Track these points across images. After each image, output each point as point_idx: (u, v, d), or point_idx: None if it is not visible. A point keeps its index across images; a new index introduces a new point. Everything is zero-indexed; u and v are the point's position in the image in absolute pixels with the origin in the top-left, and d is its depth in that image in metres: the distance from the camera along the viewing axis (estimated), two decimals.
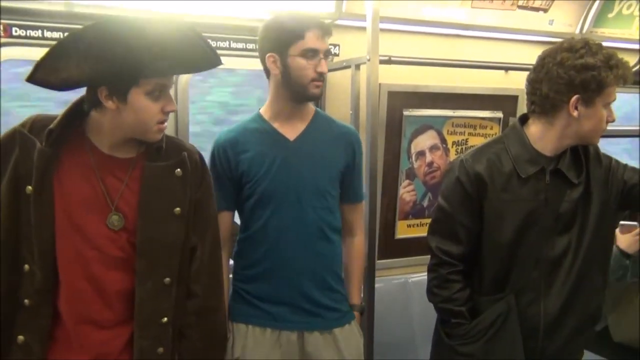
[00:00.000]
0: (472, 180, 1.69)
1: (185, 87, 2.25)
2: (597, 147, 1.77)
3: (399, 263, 2.79)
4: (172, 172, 1.50)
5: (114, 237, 1.45)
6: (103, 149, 1.46)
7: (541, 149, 1.69)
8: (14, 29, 1.94)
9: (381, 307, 2.28)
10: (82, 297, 1.45)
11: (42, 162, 1.39)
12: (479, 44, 2.77)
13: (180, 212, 1.50)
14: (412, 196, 2.79)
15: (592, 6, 2.88)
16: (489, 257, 1.72)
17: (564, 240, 1.69)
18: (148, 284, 1.47)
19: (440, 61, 2.58)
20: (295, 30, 1.73)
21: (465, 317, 1.72)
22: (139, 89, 1.36)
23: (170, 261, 1.51)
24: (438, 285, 1.77)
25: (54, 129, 1.40)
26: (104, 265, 1.45)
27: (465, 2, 2.57)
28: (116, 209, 1.45)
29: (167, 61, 1.35)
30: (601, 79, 1.56)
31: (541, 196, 1.68)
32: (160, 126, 1.44)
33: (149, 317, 1.48)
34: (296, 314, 1.83)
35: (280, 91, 1.81)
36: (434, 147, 2.79)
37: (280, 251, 1.81)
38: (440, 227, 1.78)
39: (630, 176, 1.73)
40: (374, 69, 2.00)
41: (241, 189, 1.84)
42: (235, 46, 2.30)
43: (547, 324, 1.70)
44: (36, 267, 1.42)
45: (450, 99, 2.77)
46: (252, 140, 1.83)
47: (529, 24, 2.76)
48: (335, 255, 1.91)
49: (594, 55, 1.57)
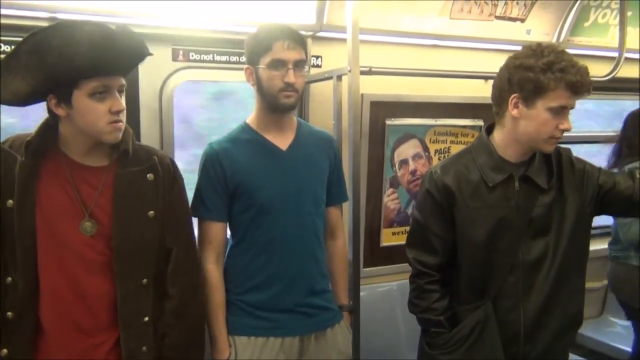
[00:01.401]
0: (441, 191, 1.73)
1: (170, 97, 2.27)
2: (570, 151, 1.80)
3: (384, 270, 2.81)
4: (144, 177, 1.57)
5: (92, 243, 1.52)
6: (76, 158, 1.53)
7: (505, 155, 1.72)
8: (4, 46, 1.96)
9: (367, 315, 2.29)
10: (65, 304, 1.50)
11: (23, 174, 1.46)
12: (458, 53, 2.82)
13: (154, 215, 1.57)
14: (396, 204, 2.82)
15: (569, 15, 2.94)
16: (465, 265, 1.75)
17: (540, 245, 1.71)
18: (128, 286, 1.54)
19: (420, 71, 2.61)
20: (263, 42, 1.77)
21: (444, 326, 1.74)
22: (81, 92, 1.41)
23: (147, 262, 1.58)
24: (417, 295, 1.80)
25: (31, 140, 1.47)
26: (85, 270, 1.51)
27: (443, 13, 2.62)
28: (90, 215, 1.51)
29: (100, 61, 1.38)
30: (537, 80, 1.57)
31: (512, 202, 1.70)
32: (114, 125, 1.46)
33: (131, 317, 1.54)
34: (296, 320, 1.87)
35: (260, 102, 1.86)
36: (417, 156, 2.83)
37: (280, 260, 1.84)
38: (415, 238, 1.83)
39: (604, 180, 1.75)
40: (355, 79, 2.03)
41: (235, 200, 1.84)
42: (219, 59, 2.33)
43: (528, 328, 1.72)
44: (18, 277, 1.46)
45: (432, 108, 2.81)
46: (246, 151, 1.84)
47: (507, 33, 2.81)
48: (324, 257, 1.98)
49: (539, 58, 1.58)
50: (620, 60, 2.76)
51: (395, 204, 2.81)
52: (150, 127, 2.24)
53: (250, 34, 1.83)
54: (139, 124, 2.19)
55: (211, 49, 2.31)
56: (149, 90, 2.21)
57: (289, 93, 1.78)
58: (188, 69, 2.29)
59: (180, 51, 2.26)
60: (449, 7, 2.61)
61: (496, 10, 2.73)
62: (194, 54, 2.28)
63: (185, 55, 2.27)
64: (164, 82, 2.25)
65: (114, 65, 1.42)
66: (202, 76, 2.37)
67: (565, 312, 1.76)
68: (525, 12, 2.81)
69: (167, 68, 2.25)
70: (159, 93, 2.25)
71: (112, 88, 1.44)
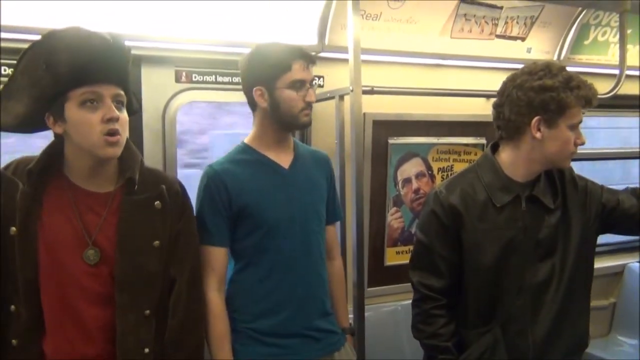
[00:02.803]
0: (447, 211, 1.68)
1: (173, 118, 2.29)
2: (572, 170, 1.77)
3: (389, 290, 2.79)
4: (151, 205, 1.50)
5: (95, 272, 1.46)
6: (80, 184, 1.47)
7: (513, 175, 1.68)
8: (3, 68, 1.98)
9: (372, 335, 2.27)
10: (67, 335, 1.46)
11: (24, 202, 1.41)
12: (459, 72, 2.83)
13: (159, 245, 1.51)
14: (400, 223, 2.81)
15: (569, 34, 2.97)
16: (472, 288, 1.70)
17: (546, 266, 1.67)
18: (129, 317, 1.47)
19: (422, 90, 2.63)
20: (281, 63, 1.74)
21: (452, 352, 1.69)
22: (71, 103, 1.36)
23: (150, 293, 1.51)
24: (422, 321, 1.74)
25: (32, 169, 1.42)
26: (86, 302, 1.46)
27: (444, 33, 2.64)
28: (94, 243, 1.45)
29: (82, 67, 1.34)
30: (560, 100, 1.56)
31: (519, 223, 1.66)
32: (108, 139, 1.38)
33: (131, 349, 1.48)
34: (306, 344, 1.82)
35: (268, 122, 1.81)
36: (420, 174, 2.82)
37: (288, 283, 1.79)
38: (420, 261, 1.76)
39: (608, 198, 1.73)
40: (357, 99, 2.04)
41: (238, 223, 1.77)
42: (222, 80, 2.35)
43: (537, 351, 1.68)
44: (22, 307, 1.42)
45: (434, 127, 2.81)
46: (249, 171, 1.79)
47: (507, 52, 2.83)
48: (326, 278, 1.94)
49: (553, 77, 1.57)
50: (622, 77, 2.76)
51: (399, 222, 2.80)
52: (153, 148, 2.25)
53: (256, 54, 1.79)
54: (142, 145, 2.20)
55: (214, 70, 2.32)
56: (152, 111, 2.22)
57: (308, 111, 1.79)
58: (191, 90, 2.31)
59: (183, 72, 2.27)
60: (449, 26, 2.63)
61: (496, 30, 2.75)
62: (197, 75, 2.30)
63: (188, 77, 2.29)
64: (167, 103, 2.26)
65: (97, 70, 1.35)
66: (204, 97, 2.39)
67: (573, 333, 1.73)
68: (526, 30, 2.83)
69: (170, 89, 2.26)
70: (162, 114, 2.26)
71: (104, 96, 1.37)
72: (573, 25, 2.94)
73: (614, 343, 3.47)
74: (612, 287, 3.47)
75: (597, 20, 2.99)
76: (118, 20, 2.02)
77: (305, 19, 2.37)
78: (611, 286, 3.46)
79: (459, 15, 2.61)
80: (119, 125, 1.40)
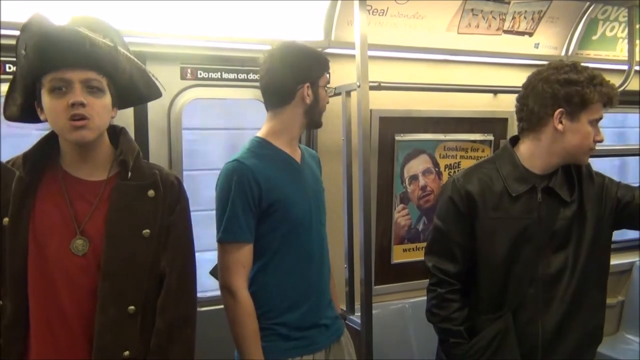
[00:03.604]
0: (464, 198, 1.72)
1: (179, 115, 2.27)
2: (590, 165, 1.78)
3: (396, 288, 2.78)
4: (144, 193, 1.46)
5: (83, 264, 1.39)
6: (73, 172, 1.44)
7: (531, 167, 1.71)
8: (7, 66, 1.98)
9: (380, 333, 2.26)
10: (51, 333, 1.38)
11: (19, 189, 1.38)
12: (467, 68, 2.81)
13: (149, 234, 1.44)
14: (407, 220, 2.79)
15: (577, 29, 2.94)
16: (485, 276, 1.73)
17: (560, 258, 1.70)
18: (110, 311, 1.37)
19: (429, 86, 2.61)
20: (325, 63, 1.84)
21: (464, 336, 1.72)
22: (44, 90, 1.35)
23: (136, 286, 1.42)
24: (436, 304, 1.77)
25: (28, 153, 1.41)
26: (72, 295, 1.38)
27: (451, 29, 2.62)
28: (82, 232, 1.39)
29: (47, 55, 1.33)
30: (584, 94, 1.60)
31: (534, 214, 1.69)
32: (73, 123, 1.34)
33: (108, 349, 1.37)
34: (323, 334, 1.86)
35: (300, 118, 1.82)
36: (427, 171, 2.81)
37: (308, 276, 1.82)
38: (436, 246, 1.80)
39: (623, 194, 1.74)
40: (364, 95, 2.03)
41: (264, 219, 1.75)
42: (227, 77, 2.34)
43: (546, 341, 1.70)
44: (7, 299, 1.37)
45: (442, 123, 2.80)
46: (274, 167, 1.78)
47: (515, 47, 2.81)
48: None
49: (578, 73, 1.63)
50: (630, 73, 2.74)
51: (406, 220, 2.79)
52: (159, 145, 2.24)
53: (300, 51, 1.81)
54: (148, 142, 2.19)
55: (219, 67, 2.31)
56: (158, 109, 2.21)
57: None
58: (196, 87, 2.30)
59: (189, 69, 2.27)
60: (456, 22, 2.61)
61: (504, 25, 2.73)
62: (202, 72, 2.29)
63: (194, 74, 2.28)
64: (173, 100, 2.25)
65: (58, 55, 1.33)
66: (209, 94, 2.37)
67: (585, 327, 1.73)
68: (533, 26, 2.81)
69: (176, 86, 2.25)
70: (167, 111, 2.25)
71: (72, 82, 1.34)
72: (581, 20, 2.91)
73: (622, 341, 3.45)
74: (620, 285, 3.45)
75: (605, 15, 2.97)
76: (123, 17, 2.01)
77: (312, 15, 2.35)
78: (619, 284, 3.44)
79: (466, 11, 2.59)
80: (88, 110, 1.35)
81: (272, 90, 1.81)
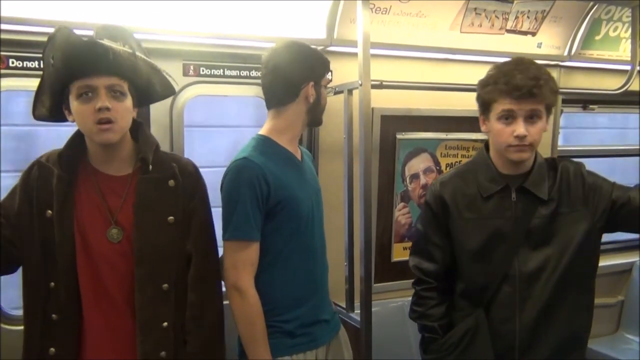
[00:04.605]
0: (437, 202, 1.81)
1: (181, 111, 2.28)
2: (583, 165, 1.79)
3: (396, 286, 2.78)
4: (165, 184, 1.62)
5: (120, 250, 1.58)
6: (101, 169, 1.61)
7: (501, 169, 1.76)
8: (11, 60, 1.98)
9: (379, 331, 2.26)
10: (99, 308, 1.57)
11: (61, 186, 1.55)
12: (469, 67, 2.80)
13: (173, 220, 1.61)
14: (408, 219, 2.80)
15: (580, 29, 2.93)
16: (461, 274, 1.80)
17: (540, 257, 1.70)
18: (147, 291, 1.57)
19: (431, 85, 2.61)
20: (327, 64, 1.90)
21: (438, 332, 1.80)
22: (72, 96, 1.51)
23: (167, 268, 1.61)
24: (415, 302, 1.88)
25: (62, 152, 1.59)
26: (114, 280, 1.58)
27: (454, 28, 2.62)
28: (116, 222, 1.58)
29: (74, 64, 1.47)
30: (480, 97, 1.74)
31: (508, 213, 1.72)
32: (100, 126, 1.50)
33: (149, 322, 1.57)
34: (325, 329, 1.90)
35: (303, 116, 1.86)
36: (428, 170, 2.81)
37: (313, 272, 1.86)
38: (417, 247, 1.91)
39: (618, 195, 1.72)
40: (366, 93, 2.03)
41: (271, 217, 1.74)
42: (230, 74, 2.34)
43: (523, 340, 1.71)
44: (60, 284, 1.55)
45: (443, 122, 2.80)
46: (280, 165, 1.79)
47: (518, 47, 2.80)
48: None
49: (489, 73, 1.73)
50: (633, 73, 2.74)
51: (407, 218, 2.79)
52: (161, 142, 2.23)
53: (303, 50, 1.85)
54: None
55: (221, 64, 2.31)
56: (159, 106, 2.20)
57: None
58: (198, 83, 2.30)
59: (191, 66, 2.27)
60: (459, 21, 2.61)
61: (507, 24, 2.72)
62: (205, 69, 2.29)
63: (196, 70, 2.28)
64: (175, 97, 2.25)
65: (84, 64, 1.47)
66: (212, 91, 2.37)
67: (565, 329, 1.73)
68: (536, 25, 2.80)
69: (178, 83, 2.25)
70: (169, 108, 2.26)
71: (97, 88, 1.49)
72: (584, 20, 2.90)
73: (621, 341, 3.46)
74: (620, 285, 3.45)
75: (608, 15, 2.96)
76: (125, 13, 2.01)
77: (314, 13, 2.35)
78: (619, 284, 3.45)
79: (469, 10, 2.59)
80: (112, 113, 1.50)
81: (276, 88, 1.82)
